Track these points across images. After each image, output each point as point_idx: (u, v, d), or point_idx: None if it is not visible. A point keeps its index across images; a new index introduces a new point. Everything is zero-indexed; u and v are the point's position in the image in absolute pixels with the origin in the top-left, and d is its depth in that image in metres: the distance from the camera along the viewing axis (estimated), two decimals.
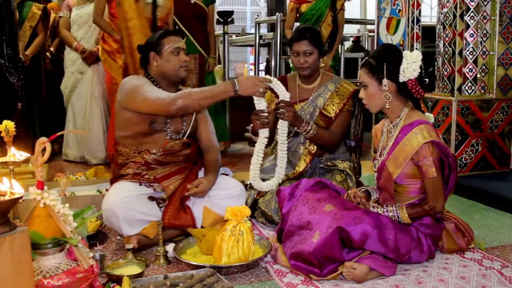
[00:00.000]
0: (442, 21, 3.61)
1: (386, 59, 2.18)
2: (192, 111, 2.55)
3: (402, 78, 2.16)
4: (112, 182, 2.60)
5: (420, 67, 2.16)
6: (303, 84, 2.95)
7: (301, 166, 2.85)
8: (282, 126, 2.62)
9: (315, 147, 2.85)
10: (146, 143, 2.53)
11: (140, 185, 2.50)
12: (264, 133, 2.50)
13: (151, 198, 2.48)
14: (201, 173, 2.63)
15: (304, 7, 4.57)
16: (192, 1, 4.46)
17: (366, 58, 2.28)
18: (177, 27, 4.47)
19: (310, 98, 2.90)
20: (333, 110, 2.84)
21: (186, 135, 2.61)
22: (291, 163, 2.86)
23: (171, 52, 2.54)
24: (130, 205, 2.34)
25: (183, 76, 2.59)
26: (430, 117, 2.31)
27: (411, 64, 2.14)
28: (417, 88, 2.16)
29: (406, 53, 2.18)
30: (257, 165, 2.56)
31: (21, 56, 4.37)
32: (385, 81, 2.18)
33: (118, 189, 2.44)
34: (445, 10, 3.58)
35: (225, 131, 5.02)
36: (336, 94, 2.87)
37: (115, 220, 2.34)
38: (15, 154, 2.63)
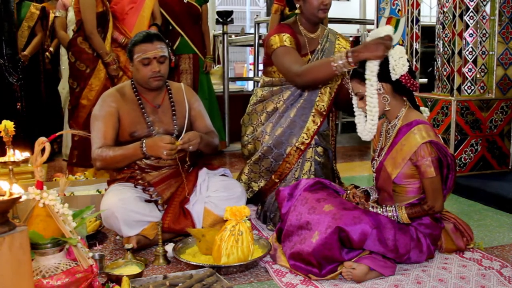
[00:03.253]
0: (442, 21, 3.61)
1: None
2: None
3: (394, 76, 2.16)
4: (109, 184, 2.60)
5: (407, 60, 2.17)
6: (309, 32, 2.77)
7: (311, 129, 2.68)
8: (374, 65, 2.20)
9: (325, 105, 2.70)
10: None
11: (136, 187, 2.50)
12: (376, 65, 2.16)
13: (148, 200, 2.48)
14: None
15: (289, 9, 4.58)
16: (185, 1, 4.45)
17: (354, 68, 2.26)
18: (170, 28, 4.47)
19: (318, 49, 2.78)
20: None
21: (181, 136, 2.60)
22: (295, 126, 2.67)
23: (140, 62, 2.50)
24: (128, 206, 2.34)
25: (154, 86, 2.55)
26: (425, 110, 2.32)
27: (398, 61, 2.15)
28: (411, 81, 2.17)
29: (389, 52, 2.18)
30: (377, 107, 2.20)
31: (20, 55, 4.38)
32: (378, 84, 2.18)
33: (116, 190, 2.43)
34: (444, 10, 3.58)
35: (221, 131, 5.01)
36: (339, 48, 2.79)
37: (115, 222, 2.34)
38: (15, 154, 2.63)
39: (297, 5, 2.74)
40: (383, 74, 2.17)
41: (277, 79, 2.79)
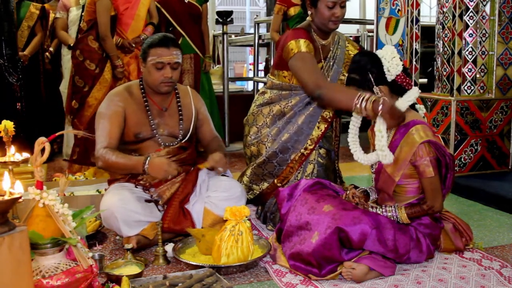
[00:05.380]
0: (441, 21, 3.61)
1: (367, 69, 2.19)
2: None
3: (390, 77, 2.17)
4: (110, 183, 2.60)
5: (400, 59, 2.18)
6: (321, 39, 2.73)
7: (315, 135, 2.70)
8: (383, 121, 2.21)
9: (331, 112, 2.72)
10: (138, 150, 2.54)
11: (136, 187, 2.50)
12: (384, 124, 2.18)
13: (148, 200, 2.48)
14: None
15: (292, 10, 4.57)
16: (186, 1, 4.45)
17: (348, 75, 2.27)
18: (170, 29, 4.46)
19: (329, 56, 2.76)
20: None
21: (185, 139, 2.60)
22: (301, 133, 2.69)
23: (153, 65, 2.48)
24: (128, 206, 2.33)
25: (163, 91, 2.54)
26: (421, 108, 2.32)
27: (391, 61, 2.16)
28: (406, 80, 2.18)
29: (381, 53, 2.19)
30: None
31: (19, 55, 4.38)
32: (376, 88, 2.19)
33: (116, 190, 2.43)
34: (444, 10, 3.58)
35: (220, 131, 5.01)
36: (348, 54, 2.80)
37: (114, 222, 2.34)
38: (14, 154, 2.63)
39: (309, 12, 2.68)
40: (379, 77, 2.17)
41: (287, 85, 2.75)
